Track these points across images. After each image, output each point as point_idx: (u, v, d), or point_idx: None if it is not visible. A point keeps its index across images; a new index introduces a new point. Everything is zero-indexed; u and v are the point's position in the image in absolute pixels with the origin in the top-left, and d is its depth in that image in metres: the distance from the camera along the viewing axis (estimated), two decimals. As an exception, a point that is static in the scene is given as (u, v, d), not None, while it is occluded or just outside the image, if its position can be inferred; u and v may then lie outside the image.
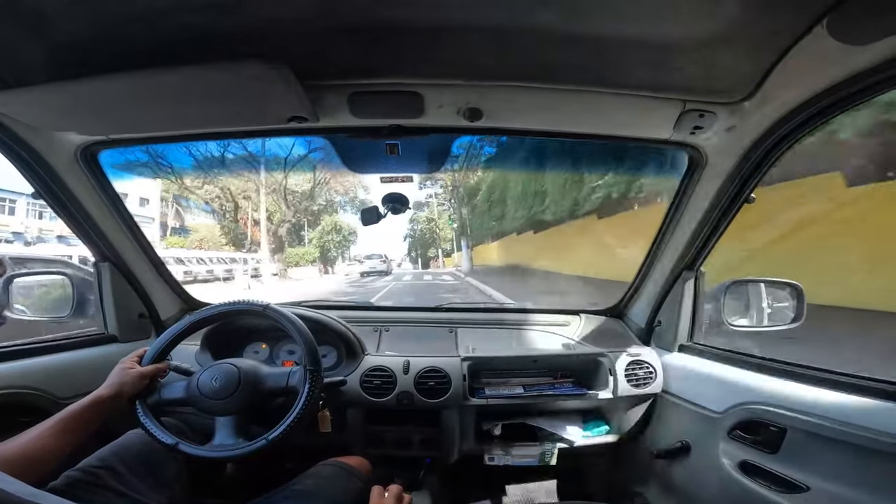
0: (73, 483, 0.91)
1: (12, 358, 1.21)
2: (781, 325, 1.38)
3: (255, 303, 1.20)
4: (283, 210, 24.96)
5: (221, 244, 25.77)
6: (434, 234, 32.14)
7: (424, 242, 33.90)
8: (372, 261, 22.84)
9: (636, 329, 1.69)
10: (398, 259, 34.35)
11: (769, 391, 1.09)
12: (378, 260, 22.84)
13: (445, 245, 31.73)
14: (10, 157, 1.13)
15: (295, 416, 1.06)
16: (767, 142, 1.04)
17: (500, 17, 0.79)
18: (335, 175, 25.03)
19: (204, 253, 21.19)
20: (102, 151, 1.27)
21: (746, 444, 1.12)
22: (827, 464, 0.93)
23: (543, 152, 4.83)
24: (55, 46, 0.82)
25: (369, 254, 24.73)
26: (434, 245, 33.11)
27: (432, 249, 33.52)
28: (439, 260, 32.36)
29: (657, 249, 1.51)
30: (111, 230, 1.42)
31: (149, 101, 0.97)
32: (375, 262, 22.50)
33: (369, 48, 0.89)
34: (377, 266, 22.03)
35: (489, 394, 1.47)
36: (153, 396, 1.11)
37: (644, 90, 1.01)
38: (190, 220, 29.63)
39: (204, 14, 0.76)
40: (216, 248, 25.06)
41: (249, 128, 1.21)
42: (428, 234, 32.98)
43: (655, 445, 1.46)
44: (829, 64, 0.80)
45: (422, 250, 34.17)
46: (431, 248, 33.52)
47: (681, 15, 0.76)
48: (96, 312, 1.52)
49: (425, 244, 33.84)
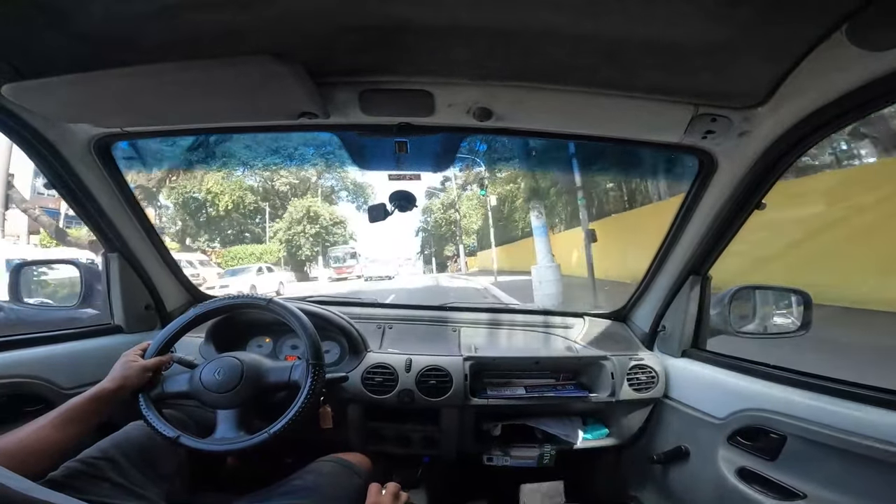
0: (73, 474, 0.91)
1: (18, 347, 1.21)
2: (788, 333, 1.37)
3: (259, 297, 1.21)
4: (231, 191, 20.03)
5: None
6: (452, 226, 25.71)
7: (440, 237, 27.56)
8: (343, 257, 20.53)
9: (640, 333, 1.68)
10: (398, 261, 27.37)
11: (771, 398, 1.08)
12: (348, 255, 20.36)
13: (469, 240, 24.93)
14: (24, 148, 1.14)
15: (297, 410, 1.07)
16: (781, 147, 1.03)
17: (511, 17, 0.78)
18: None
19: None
20: (116, 144, 1.28)
21: (745, 450, 1.12)
22: (825, 472, 0.94)
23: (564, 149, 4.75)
24: (71, 39, 0.82)
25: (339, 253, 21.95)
26: (452, 240, 26.97)
27: (450, 246, 27.06)
28: (460, 260, 25.42)
29: (664, 253, 1.50)
30: (121, 222, 1.43)
31: (163, 95, 0.98)
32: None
33: (381, 46, 0.89)
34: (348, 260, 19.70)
35: (491, 394, 1.47)
36: (156, 389, 1.12)
37: (655, 93, 1.00)
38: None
39: (218, 10, 0.77)
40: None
41: (261, 123, 1.21)
42: (444, 226, 26.67)
43: (654, 450, 1.45)
44: (846, 70, 0.79)
45: (436, 247, 27.66)
46: (449, 243, 26.96)
47: (694, 18, 0.75)
48: (103, 303, 1.54)
49: (441, 239, 27.36)
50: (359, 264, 21.73)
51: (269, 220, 23.22)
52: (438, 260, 26.49)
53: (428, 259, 26.87)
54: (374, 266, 21.17)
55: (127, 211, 1.43)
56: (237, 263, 19.00)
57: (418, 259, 29.00)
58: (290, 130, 1.26)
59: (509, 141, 2.72)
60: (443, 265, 26.03)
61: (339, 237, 24.30)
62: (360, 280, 19.63)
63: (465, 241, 24.45)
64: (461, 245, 25.54)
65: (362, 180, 24.53)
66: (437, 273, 24.58)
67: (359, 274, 20.84)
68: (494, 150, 4.76)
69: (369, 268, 20.99)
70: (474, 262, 24.12)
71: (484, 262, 20.01)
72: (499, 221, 18.32)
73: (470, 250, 25.11)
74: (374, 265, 21.38)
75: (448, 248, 26.93)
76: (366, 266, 21.54)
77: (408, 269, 27.12)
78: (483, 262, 20.28)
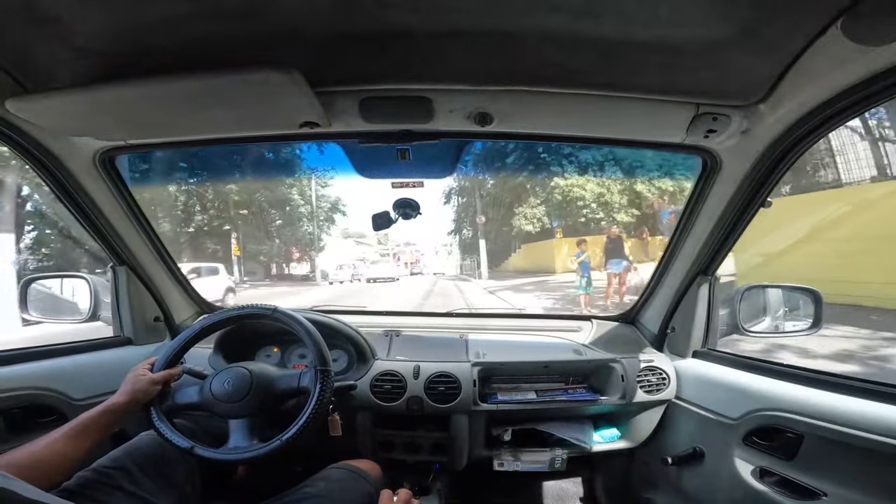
0: (86, 483, 0.93)
1: (30, 359, 1.23)
2: (799, 331, 1.36)
3: (264, 307, 1.21)
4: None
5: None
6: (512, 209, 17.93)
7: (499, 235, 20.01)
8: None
9: (649, 335, 1.67)
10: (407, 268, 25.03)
11: (786, 397, 1.07)
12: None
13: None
14: (30, 162, 1.15)
15: (308, 416, 1.07)
16: (784, 144, 1.02)
17: (508, 21, 0.79)
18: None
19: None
20: (120, 157, 1.29)
21: (762, 450, 1.10)
22: (845, 470, 0.93)
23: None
24: (74, 53, 0.84)
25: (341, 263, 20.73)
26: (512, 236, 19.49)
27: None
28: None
29: (671, 254, 1.49)
30: (128, 234, 1.45)
31: (165, 107, 0.99)
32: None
33: (379, 54, 0.90)
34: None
35: (500, 399, 1.46)
36: (167, 401, 1.13)
37: (655, 93, 1.00)
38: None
39: (219, 22, 0.78)
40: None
41: (263, 133, 1.22)
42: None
43: (668, 452, 1.44)
44: (844, 65, 0.79)
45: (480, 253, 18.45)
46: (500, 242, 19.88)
47: (692, 17, 0.75)
48: (112, 315, 1.55)
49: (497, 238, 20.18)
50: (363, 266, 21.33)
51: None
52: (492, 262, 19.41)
53: (474, 267, 20.47)
54: (375, 268, 20.83)
55: (133, 223, 1.44)
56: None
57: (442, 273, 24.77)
58: (292, 140, 1.27)
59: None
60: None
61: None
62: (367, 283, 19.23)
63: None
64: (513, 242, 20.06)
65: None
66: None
67: (358, 276, 20.39)
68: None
69: (371, 269, 20.55)
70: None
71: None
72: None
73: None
74: (376, 267, 20.96)
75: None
76: (368, 268, 21.11)
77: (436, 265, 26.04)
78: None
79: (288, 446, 1.04)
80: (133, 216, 1.43)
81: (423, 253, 30.04)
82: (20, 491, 0.46)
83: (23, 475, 0.79)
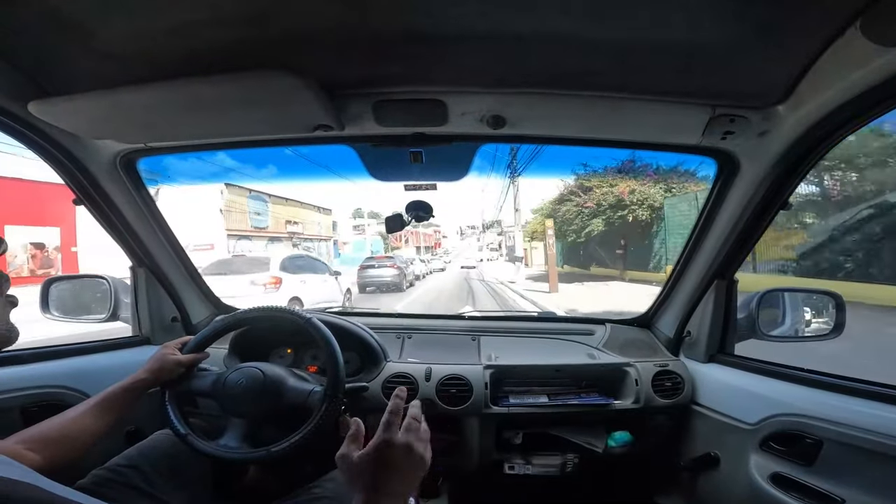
0: (100, 482, 0.94)
1: (50, 358, 1.26)
2: (820, 336, 1.33)
3: (299, 313, 1.21)
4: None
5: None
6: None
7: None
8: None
9: (665, 339, 1.64)
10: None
11: (805, 402, 1.05)
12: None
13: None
14: (53, 164, 1.18)
15: (301, 436, 1.06)
16: (803, 146, 1.01)
17: (521, 24, 0.78)
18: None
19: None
20: (141, 159, 1.32)
21: (779, 456, 1.09)
22: (865, 476, 0.91)
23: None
24: (95, 57, 0.85)
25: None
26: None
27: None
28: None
29: (688, 258, 1.46)
30: (148, 236, 1.47)
31: (184, 111, 1.01)
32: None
33: (392, 57, 0.90)
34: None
35: (512, 402, 1.45)
36: (182, 385, 1.16)
37: (671, 96, 0.99)
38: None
39: (236, 28, 0.79)
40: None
41: (278, 136, 1.24)
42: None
43: (682, 457, 1.42)
44: (864, 66, 0.77)
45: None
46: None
47: (706, 18, 0.74)
48: (132, 316, 1.58)
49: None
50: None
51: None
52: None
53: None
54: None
55: (152, 225, 1.47)
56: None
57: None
58: (306, 143, 1.28)
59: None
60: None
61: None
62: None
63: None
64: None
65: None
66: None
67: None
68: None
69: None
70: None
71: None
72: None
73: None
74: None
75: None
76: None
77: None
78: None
79: (273, 459, 1.04)
80: (153, 219, 1.46)
81: (446, 235, 26.24)
82: (56, 492, 0.46)
83: (49, 449, 0.83)
